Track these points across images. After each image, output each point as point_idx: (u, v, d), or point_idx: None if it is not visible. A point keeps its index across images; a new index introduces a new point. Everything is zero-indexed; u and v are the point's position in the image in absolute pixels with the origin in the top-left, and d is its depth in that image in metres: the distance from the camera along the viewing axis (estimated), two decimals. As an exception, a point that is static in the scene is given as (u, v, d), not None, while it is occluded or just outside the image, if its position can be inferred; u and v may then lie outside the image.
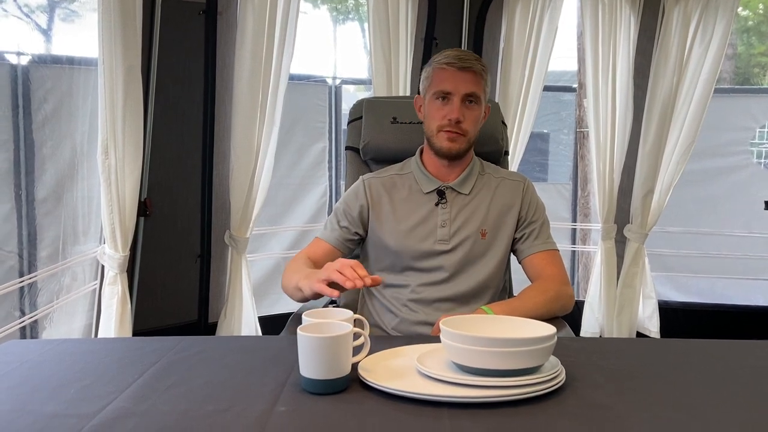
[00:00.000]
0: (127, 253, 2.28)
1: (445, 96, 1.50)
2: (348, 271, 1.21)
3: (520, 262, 1.60)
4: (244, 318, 2.79)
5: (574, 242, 4.09)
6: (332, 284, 1.24)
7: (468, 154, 1.59)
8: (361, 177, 1.64)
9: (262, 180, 2.73)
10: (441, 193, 1.57)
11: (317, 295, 1.31)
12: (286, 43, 2.65)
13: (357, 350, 1.07)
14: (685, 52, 2.98)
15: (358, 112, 1.87)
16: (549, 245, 1.58)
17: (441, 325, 1.03)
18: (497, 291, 1.59)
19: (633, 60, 3.03)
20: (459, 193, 1.57)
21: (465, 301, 1.54)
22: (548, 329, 1.02)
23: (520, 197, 1.59)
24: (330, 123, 3.47)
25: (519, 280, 1.69)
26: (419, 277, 1.54)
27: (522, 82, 3.02)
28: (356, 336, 1.07)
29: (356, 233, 1.58)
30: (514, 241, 1.59)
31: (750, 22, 5.67)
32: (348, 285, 1.19)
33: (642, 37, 3.08)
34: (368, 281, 1.19)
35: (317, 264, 1.48)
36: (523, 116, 3.05)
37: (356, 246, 1.61)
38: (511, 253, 1.63)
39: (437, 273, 1.54)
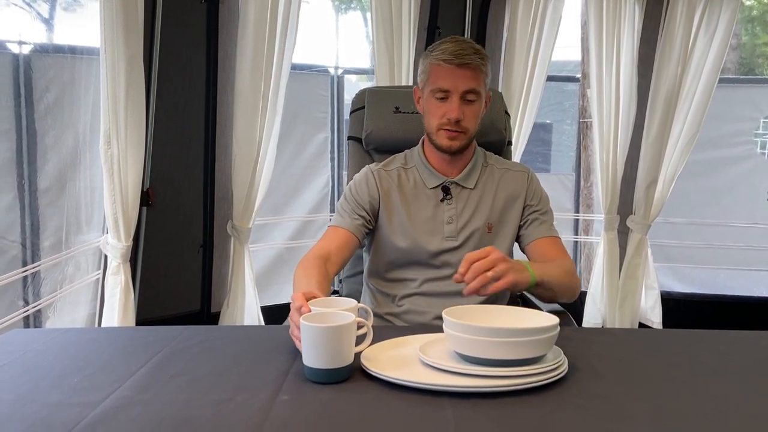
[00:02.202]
0: (130, 242, 2.28)
1: (443, 95, 1.46)
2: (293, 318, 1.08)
3: (523, 249, 1.57)
4: (246, 308, 2.79)
5: (576, 233, 4.08)
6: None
7: (470, 147, 1.56)
8: (367, 167, 1.60)
9: (264, 170, 2.72)
10: (446, 189, 1.55)
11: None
12: (288, 33, 2.64)
13: (360, 340, 1.07)
14: (690, 41, 2.96)
15: (361, 101, 1.86)
16: (553, 233, 1.56)
17: (444, 315, 1.03)
18: None
19: (637, 50, 3.01)
20: (464, 187, 1.55)
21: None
22: (551, 319, 1.02)
23: (525, 188, 1.57)
24: (332, 113, 3.46)
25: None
26: (426, 273, 1.53)
27: (525, 71, 3.01)
28: (359, 326, 1.08)
29: (370, 222, 1.55)
30: (520, 228, 1.56)
31: (755, 12, 5.62)
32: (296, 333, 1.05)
33: (646, 26, 3.06)
34: (305, 311, 1.06)
35: (334, 257, 1.44)
36: (526, 106, 3.04)
37: (367, 236, 1.58)
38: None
39: (444, 269, 1.52)
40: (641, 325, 3.21)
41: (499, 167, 1.60)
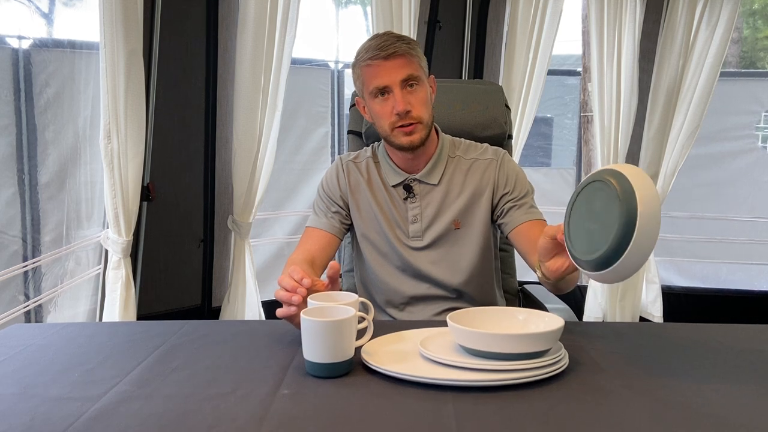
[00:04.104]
0: (131, 237, 2.28)
1: (383, 91, 1.38)
2: (286, 282, 1.09)
3: (507, 236, 1.48)
4: (247, 302, 2.80)
5: (577, 227, 4.07)
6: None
7: (431, 140, 1.47)
8: (338, 158, 1.56)
9: (264, 164, 2.72)
10: (408, 187, 1.48)
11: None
12: (288, 27, 2.63)
13: (360, 334, 1.07)
14: (691, 35, 2.96)
15: (361, 95, 1.85)
16: (535, 215, 1.45)
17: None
18: (488, 279, 1.53)
19: (638, 43, 3.01)
20: (427, 184, 1.48)
21: (453, 296, 1.49)
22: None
23: (494, 176, 1.48)
24: (332, 107, 3.45)
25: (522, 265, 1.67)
26: (404, 279, 1.49)
27: (526, 65, 3.00)
28: (360, 320, 1.07)
29: (347, 216, 1.52)
30: (497, 218, 1.49)
31: (756, 5, 5.60)
32: (294, 299, 1.07)
33: (648, 20, 3.06)
34: (307, 283, 1.08)
35: (318, 260, 1.42)
36: (527, 100, 3.04)
37: (348, 230, 1.55)
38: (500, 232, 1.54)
39: (417, 271, 1.48)
40: (642, 320, 3.21)
41: (467, 158, 1.51)
